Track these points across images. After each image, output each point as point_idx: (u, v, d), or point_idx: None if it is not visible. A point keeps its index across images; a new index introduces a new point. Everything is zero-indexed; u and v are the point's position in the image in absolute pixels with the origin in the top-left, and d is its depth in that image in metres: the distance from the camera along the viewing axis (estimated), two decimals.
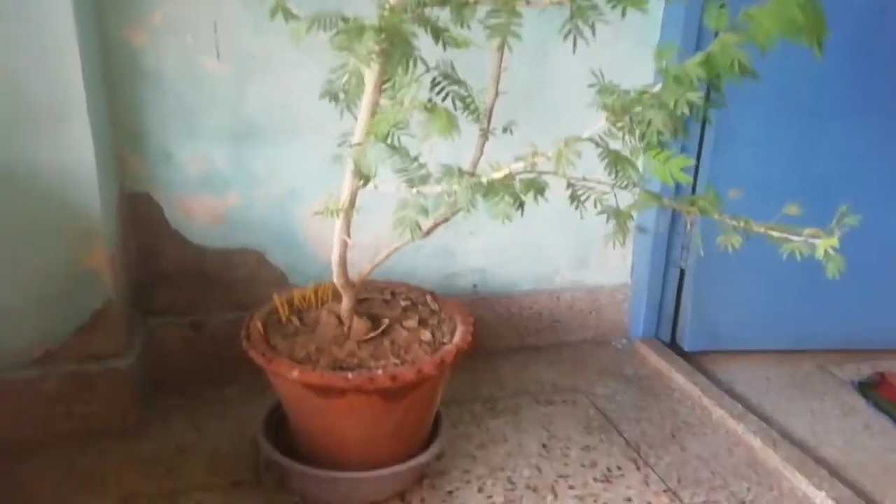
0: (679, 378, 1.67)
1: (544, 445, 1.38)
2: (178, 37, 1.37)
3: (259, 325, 1.18)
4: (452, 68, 0.99)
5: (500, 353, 1.77)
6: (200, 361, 1.54)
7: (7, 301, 1.25)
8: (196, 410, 1.44)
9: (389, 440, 1.14)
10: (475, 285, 1.75)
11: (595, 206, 0.95)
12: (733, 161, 1.66)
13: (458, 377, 1.55)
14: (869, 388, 1.66)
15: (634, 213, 0.96)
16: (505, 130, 1.05)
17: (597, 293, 1.86)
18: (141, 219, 1.47)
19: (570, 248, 1.79)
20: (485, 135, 1.06)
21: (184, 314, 1.54)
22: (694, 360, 1.79)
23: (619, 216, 0.95)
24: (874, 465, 1.37)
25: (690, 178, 0.81)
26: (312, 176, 1.51)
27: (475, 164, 1.05)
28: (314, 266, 1.56)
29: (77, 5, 1.16)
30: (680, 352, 1.82)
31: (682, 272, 1.83)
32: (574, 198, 0.86)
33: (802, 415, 1.56)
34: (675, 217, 1.78)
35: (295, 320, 1.21)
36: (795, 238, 0.84)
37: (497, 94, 1.00)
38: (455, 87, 0.97)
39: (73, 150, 1.21)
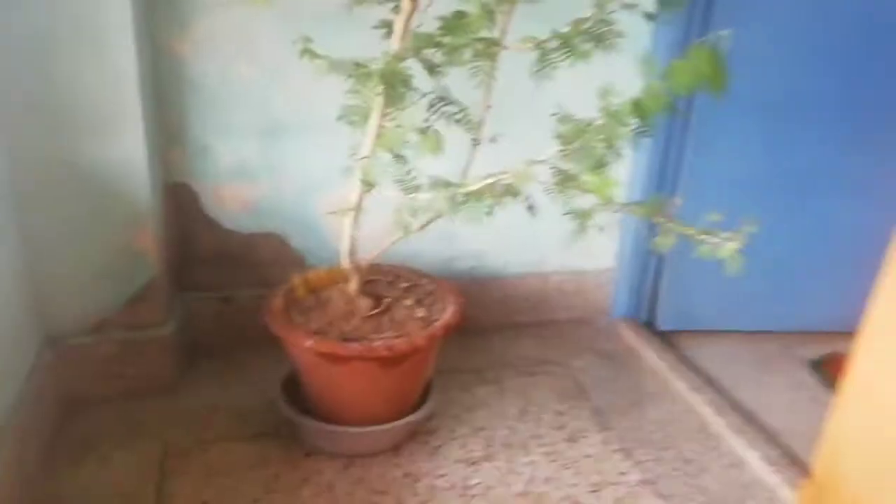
0: (650, 354, 1.88)
1: (522, 411, 1.60)
2: (217, 47, 1.58)
3: (280, 301, 1.41)
4: (447, 92, 1.18)
5: (493, 329, 1.98)
6: (229, 331, 1.78)
7: (70, 276, 1.49)
8: (224, 374, 1.68)
9: (386, 401, 1.37)
10: (472, 268, 1.96)
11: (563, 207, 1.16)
12: (713, 161, 1.84)
13: (453, 350, 1.76)
14: (820, 366, 1.86)
15: (594, 215, 1.16)
16: (492, 141, 1.25)
17: (582, 276, 2.06)
18: (181, 206, 1.69)
19: (559, 234, 1.98)
20: (476, 144, 1.26)
21: (216, 290, 1.77)
22: (667, 338, 2.00)
23: (581, 217, 1.15)
24: (810, 432, 1.57)
25: (619, 193, 0.97)
26: (330, 169, 1.69)
27: (465, 170, 1.25)
28: (330, 250, 1.76)
29: (136, 22, 1.37)
30: (655, 331, 2.02)
31: (661, 258, 2.02)
32: (531, 208, 1.06)
33: (755, 388, 1.77)
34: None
35: (310, 298, 1.43)
36: (713, 240, 1.03)
37: (487, 108, 1.18)
38: (449, 107, 1.16)
39: (128, 149, 1.43)
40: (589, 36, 0.92)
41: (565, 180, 0.98)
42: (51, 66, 1.33)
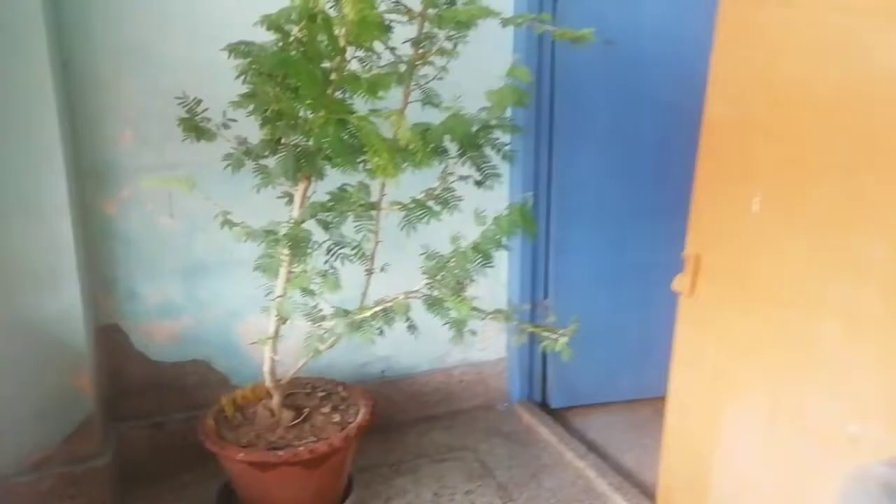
0: (544, 431, 2.16)
1: (436, 494, 1.83)
2: (141, 204, 1.83)
3: (210, 421, 1.61)
4: (342, 237, 1.47)
5: (407, 423, 2.21)
6: (163, 455, 1.92)
7: (11, 418, 1.63)
8: (162, 496, 1.82)
9: (314, 499, 1.58)
10: (383, 371, 2.21)
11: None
12: (570, 261, 2.22)
13: (372, 446, 1.98)
14: None
15: (468, 323, 1.47)
16: (382, 269, 1.55)
17: (481, 367, 2.35)
18: (111, 344, 1.87)
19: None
20: (369, 273, 1.55)
21: (147, 417, 1.93)
22: (559, 415, 2.30)
23: (456, 325, 1.45)
24: None
25: (475, 314, 1.25)
26: (247, 299, 1.95)
27: (364, 295, 1.54)
28: (250, 368, 1.98)
29: (70, 194, 1.61)
30: (548, 409, 2.32)
31: None
32: (412, 328, 1.35)
33: (633, 450, 2.08)
34: (534, 303, 2.31)
35: (238, 415, 1.64)
36: (552, 336, 1.35)
37: (376, 244, 1.48)
38: (345, 250, 1.45)
39: (66, 300, 1.63)
40: (437, 200, 1.25)
41: (435, 303, 1.28)
42: None
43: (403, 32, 1.37)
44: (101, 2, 1.66)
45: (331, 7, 0.89)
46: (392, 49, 1.32)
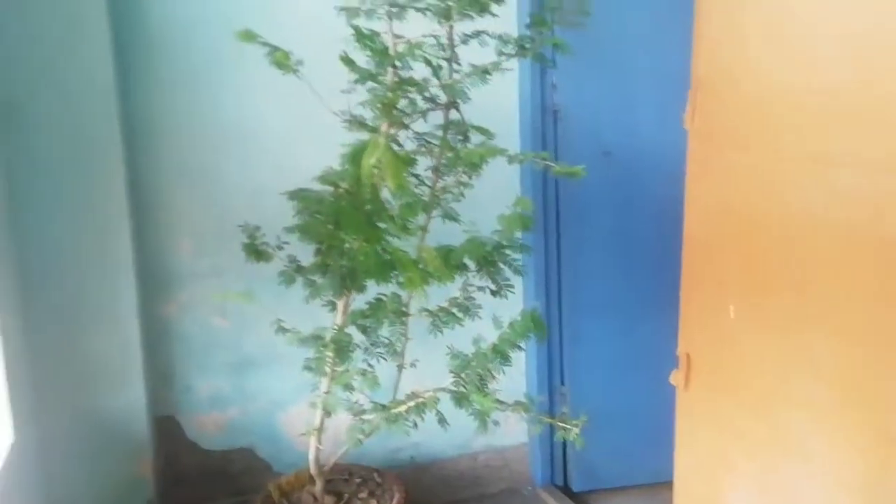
0: None
1: None
2: (197, 307, 2.07)
3: None
4: (378, 337, 1.68)
5: None
6: None
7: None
8: None
9: None
10: (412, 457, 2.37)
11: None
12: (584, 350, 2.40)
13: None
14: None
15: (491, 414, 1.64)
16: (412, 365, 1.74)
17: (505, 452, 2.49)
18: (168, 434, 2.08)
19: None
20: (400, 368, 1.75)
21: (199, 503, 2.10)
22: (581, 498, 2.41)
23: (481, 416, 1.63)
24: None
25: (497, 407, 1.42)
26: (288, 392, 2.15)
27: (396, 388, 1.73)
28: (290, 455, 2.15)
29: (139, 300, 1.85)
30: (571, 493, 2.43)
31: None
32: (441, 421, 1.53)
33: None
34: (551, 390, 2.47)
35: (284, 501, 1.81)
36: (565, 426, 1.52)
37: (406, 341, 1.69)
38: (379, 350, 1.66)
39: (131, 397, 1.85)
40: (460, 307, 1.47)
41: (461, 398, 1.47)
42: (76, 338, 1.79)
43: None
44: (168, 129, 1.95)
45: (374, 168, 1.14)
46: (416, 175, 1.58)
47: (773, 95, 1.21)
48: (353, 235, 1.25)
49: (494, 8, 1.39)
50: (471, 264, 1.46)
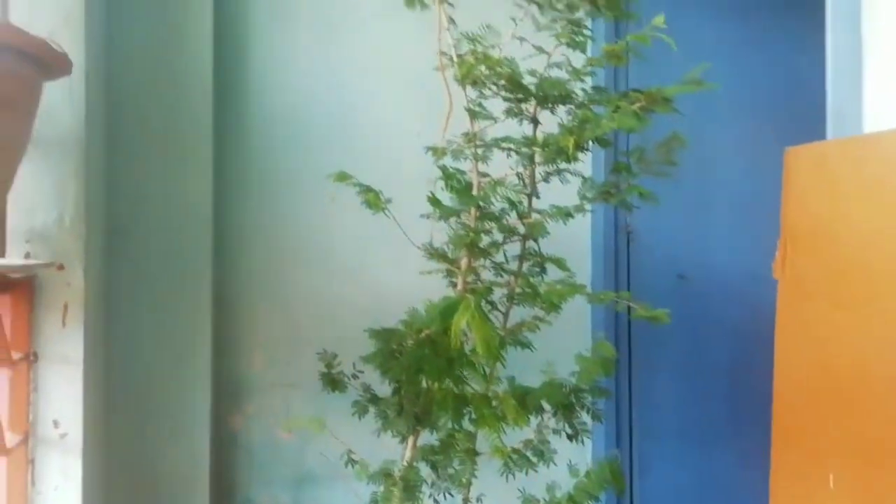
0: None
1: None
2: (263, 419, 2.08)
3: None
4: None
5: None
6: None
7: None
8: None
9: None
10: None
11: None
12: (655, 477, 2.28)
13: None
14: None
15: None
16: (478, 500, 1.68)
17: None
18: None
19: None
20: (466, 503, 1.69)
21: None
22: None
23: None
24: None
25: None
26: None
27: None
28: None
29: (211, 412, 1.87)
30: None
31: None
32: None
33: None
34: None
35: None
36: None
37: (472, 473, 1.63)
38: (446, 484, 1.60)
39: None
40: (534, 451, 1.42)
41: None
42: (149, 450, 1.81)
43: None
44: (253, 245, 2.03)
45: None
46: (491, 303, 1.58)
47: (876, 254, 1.17)
48: (433, 380, 1.24)
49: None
50: (547, 406, 1.41)
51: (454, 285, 1.58)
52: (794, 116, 2.21)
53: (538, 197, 1.58)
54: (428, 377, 1.24)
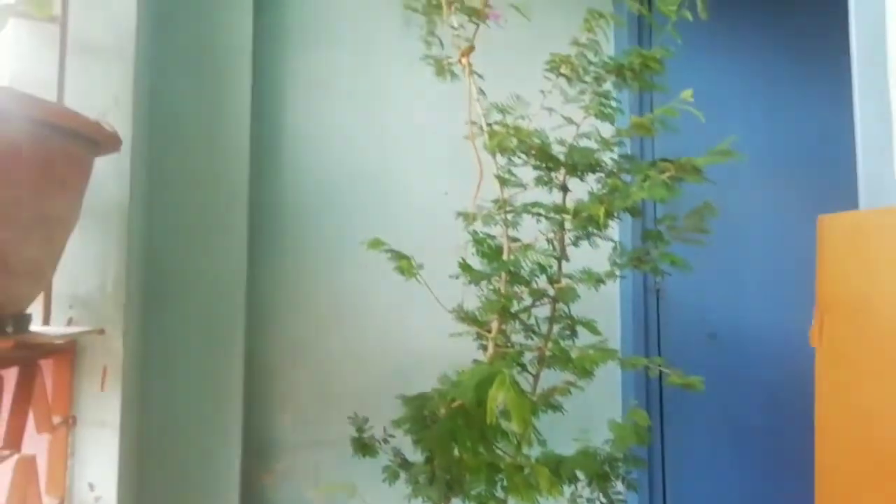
0: None
1: None
2: (292, 477, 2.07)
3: None
4: None
5: None
6: None
7: None
8: None
9: None
10: None
11: None
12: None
13: None
14: None
15: None
16: None
17: None
18: None
19: None
20: None
21: None
22: None
23: None
24: None
25: None
26: None
27: None
28: None
29: (241, 466, 1.87)
30: None
31: None
32: None
33: None
34: None
35: None
36: None
37: None
38: None
39: None
40: None
41: None
42: None
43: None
44: (284, 306, 2.06)
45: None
46: (522, 366, 1.57)
47: None
48: (466, 451, 1.23)
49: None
50: (581, 476, 1.39)
51: (484, 348, 1.58)
52: (822, 178, 2.21)
53: (568, 260, 1.59)
54: (461, 448, 1.23)
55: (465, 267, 1.44)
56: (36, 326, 1.30)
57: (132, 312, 1.50)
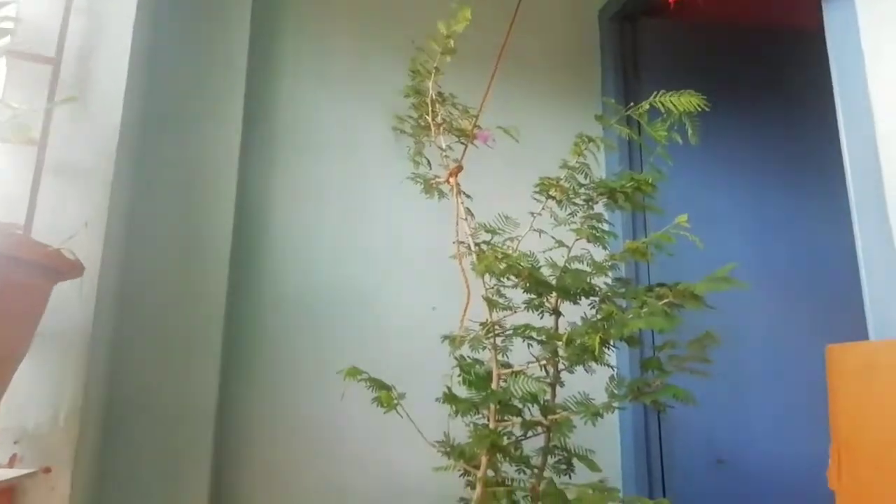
0: None
1: None
2: None
3: None
4: None
5: None
6: None
7: None
8: None
9: None
10: None
11: None
12: None
13: None
14: None
15: None
16: None
17: None
18: None
19: None
20: None
21: None
22: None
23: None
24: None
25: None
26: None
27: None
28: None
29: None
30: None
31: None
32: None
33: None
34: None
35: None
36: None
37: None
38: None
39: None
40: None
41: None
42: None
43: None
44: (256, 432, 1.91)
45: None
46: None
47: None
48: None
49: None
50: None
51: (471, 484, 1.44)
52: (825, 295, 2.15)
53: (562, 385, 1.49)
54: None
55: (450, 398, 1.33)
56: None
57: (85, 447, 1.37)
